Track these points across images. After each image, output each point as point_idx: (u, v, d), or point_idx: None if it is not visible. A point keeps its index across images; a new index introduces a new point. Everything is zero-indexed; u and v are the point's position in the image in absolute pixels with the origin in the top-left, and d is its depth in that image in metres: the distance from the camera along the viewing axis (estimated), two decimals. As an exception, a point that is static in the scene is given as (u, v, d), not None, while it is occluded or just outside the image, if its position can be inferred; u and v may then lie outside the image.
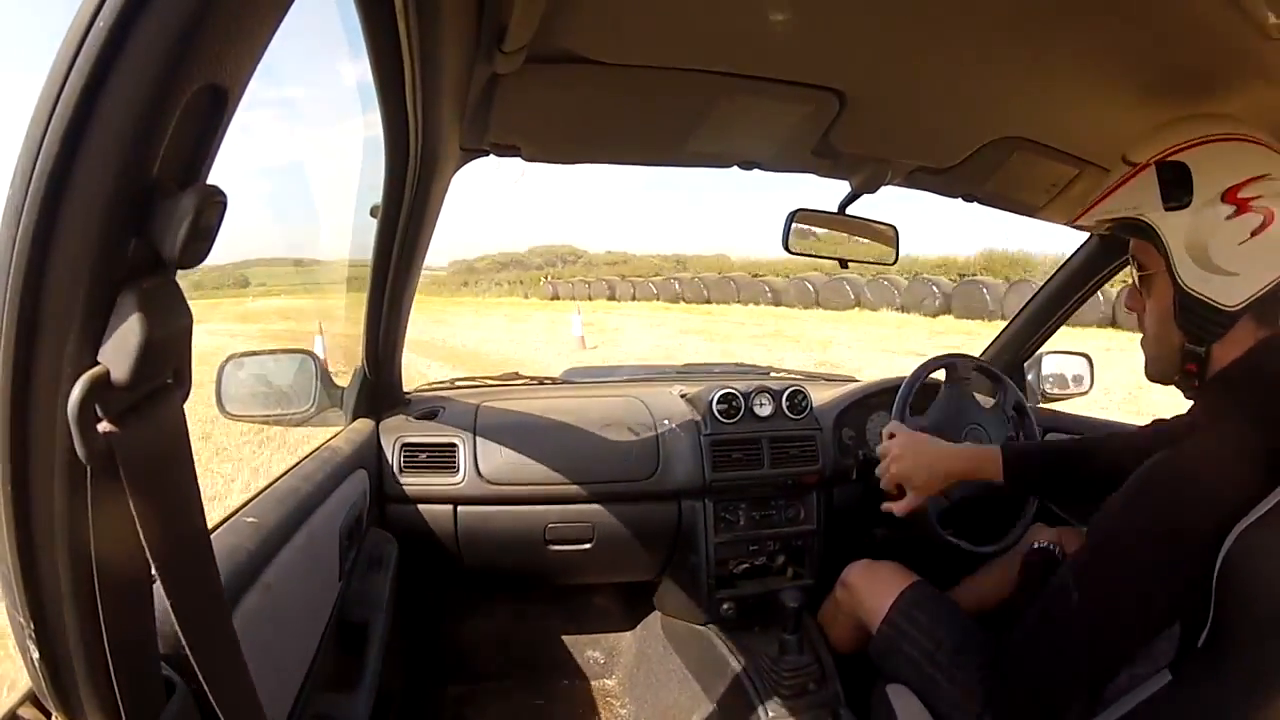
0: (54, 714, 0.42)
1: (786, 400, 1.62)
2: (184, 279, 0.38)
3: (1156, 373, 0.91)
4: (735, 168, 1.31)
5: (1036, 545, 1.21)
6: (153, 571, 0.38)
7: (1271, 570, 0.70)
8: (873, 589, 1.32)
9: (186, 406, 0.40)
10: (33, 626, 0.38)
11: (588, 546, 1.53)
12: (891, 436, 1.28)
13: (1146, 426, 1.15)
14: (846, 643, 1.44)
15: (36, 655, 0.39)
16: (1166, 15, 0.78)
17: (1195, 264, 0.81)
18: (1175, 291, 0.84)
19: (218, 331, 13.24)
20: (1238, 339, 0.83)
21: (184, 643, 0.40)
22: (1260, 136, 0.81)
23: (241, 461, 4.57)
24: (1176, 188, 0.82)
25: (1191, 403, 0.93)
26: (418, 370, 7.51)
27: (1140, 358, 0.94)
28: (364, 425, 1.43)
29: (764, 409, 1.61)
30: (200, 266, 0.38)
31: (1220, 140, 0.82)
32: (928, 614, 1.18)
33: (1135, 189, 0.86)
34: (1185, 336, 0.85)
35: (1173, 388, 0.93)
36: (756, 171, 1.31)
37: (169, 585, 0.38)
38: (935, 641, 1.14)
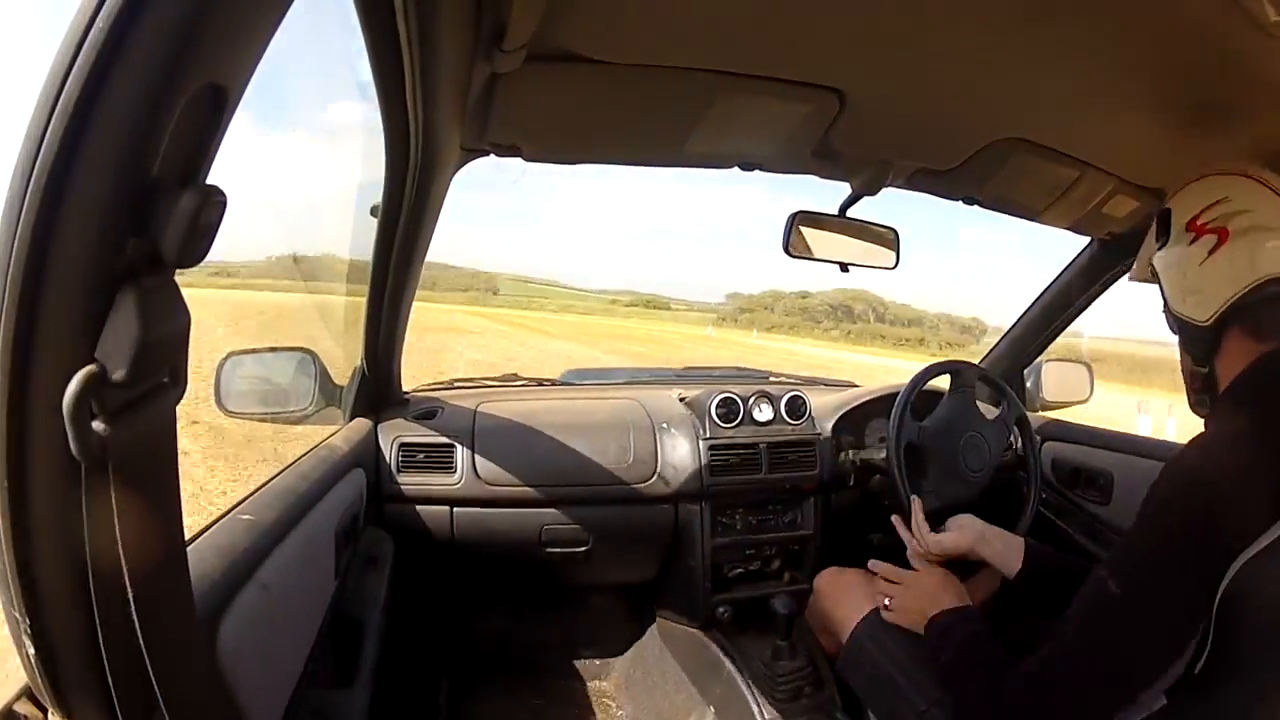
0: (50, 710, 0.42)
1: (785, 405, 1.62)
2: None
3: (1189, 401, 0.94)
4: (736, 168, 1.30)
5: None
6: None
7: (1272, 601, 0.69)
8: (838, 599, 1.31)
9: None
10: (28, 622, 0.38)
11: (584, 549, 1.53)
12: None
13: None
14: (830, 646, 1.45)
15: (32, 651, 0.39)
16: (1167, 16, 0.78)
17: (1175, 289, 0.90)
18: (1173, 317, 0.91)
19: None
20: (1237, 353, 0.84)
21: (142, 643, 0.40)
22: (1236, 167, 0.86)
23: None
24: (1164, 230, 0.92)
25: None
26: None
27: None
28: (362, 424, 1.43)
29: (763, 414, 1.61)
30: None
31: (1196, 180, 0.89)
32: (891, 636, 1.16)
33: (1150, 239, 0.96)
34: (1190, 359, 0.90)
35: None
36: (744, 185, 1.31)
37: (136, 588, 0.38)
38: (897, 660, 1.13)
